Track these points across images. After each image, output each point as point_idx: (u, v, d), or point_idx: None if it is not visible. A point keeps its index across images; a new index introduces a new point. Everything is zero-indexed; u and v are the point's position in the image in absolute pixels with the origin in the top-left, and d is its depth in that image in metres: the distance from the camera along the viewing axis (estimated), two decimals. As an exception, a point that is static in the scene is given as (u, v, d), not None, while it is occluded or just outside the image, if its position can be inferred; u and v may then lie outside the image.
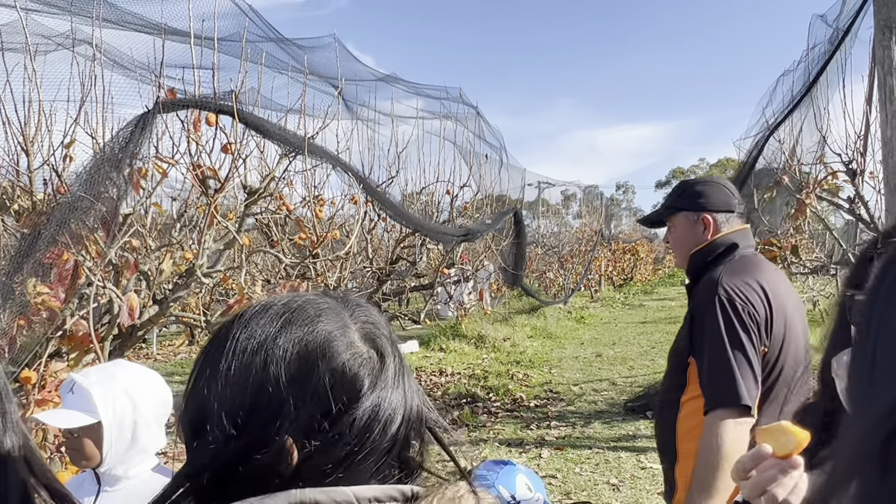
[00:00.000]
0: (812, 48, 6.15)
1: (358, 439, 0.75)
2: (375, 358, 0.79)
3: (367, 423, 0.76)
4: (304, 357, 0.76)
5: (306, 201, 5.87)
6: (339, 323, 0.80)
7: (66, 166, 3.77)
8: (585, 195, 27.88)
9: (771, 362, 1.95)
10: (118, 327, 3.77)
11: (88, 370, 1.90)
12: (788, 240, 6.45)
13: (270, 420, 0.74)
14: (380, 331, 0.83)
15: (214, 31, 3.85)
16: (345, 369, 0.76)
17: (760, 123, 6.93)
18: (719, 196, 2.15)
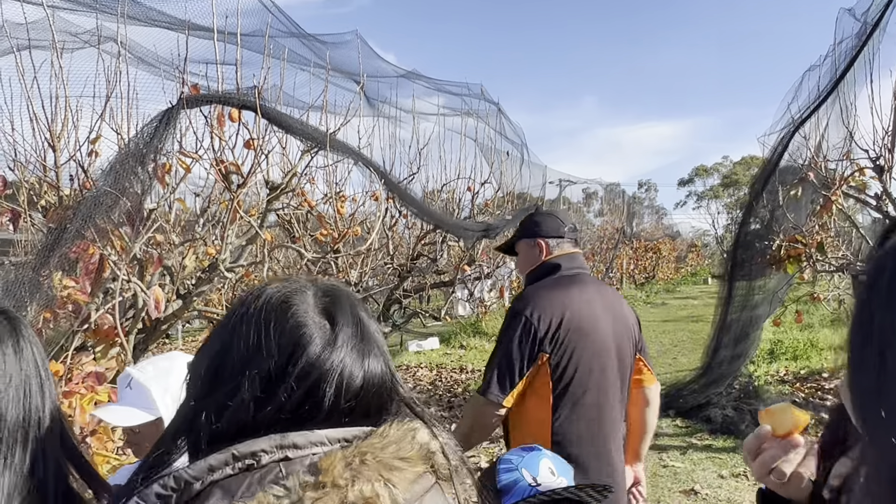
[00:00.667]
0: (839, 43, 6.06)
1: (309, 392, 0.88)
2: (328, 326, 0.92)
3: (315, 379, 0.88)
4: (261, 323, 0.91)
5: (328, 198, 5.89)
6: (299, 297, 0.95)
7: (92, 162, 3.81)
8: (607, 193, 27.73)
9: (561, 366, 2.31)
10: (143, 321, 3.81)
11: (144, 364, 1.92)
12: (814, 237, 6.37)
13: (234, 376, 0.89)
14: (338, 307, 0.95)
15: (238, 27, 3.87)
16: (292, 331, 0.90)
17: (786, 119, 6.84)
18: (551, 224, 2.57)
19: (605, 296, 2.53)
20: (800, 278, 7.06)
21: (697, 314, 16.68)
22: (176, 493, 0.84)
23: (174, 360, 1.93)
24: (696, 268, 39.32)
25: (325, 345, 0.91)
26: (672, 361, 10.30)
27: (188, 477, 0.84)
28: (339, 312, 0.95)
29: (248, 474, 0.85)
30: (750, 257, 6.97)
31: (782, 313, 7.78)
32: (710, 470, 5.39)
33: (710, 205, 61.92)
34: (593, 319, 2.40)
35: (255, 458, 0.85)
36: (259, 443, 0.86)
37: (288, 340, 0.90)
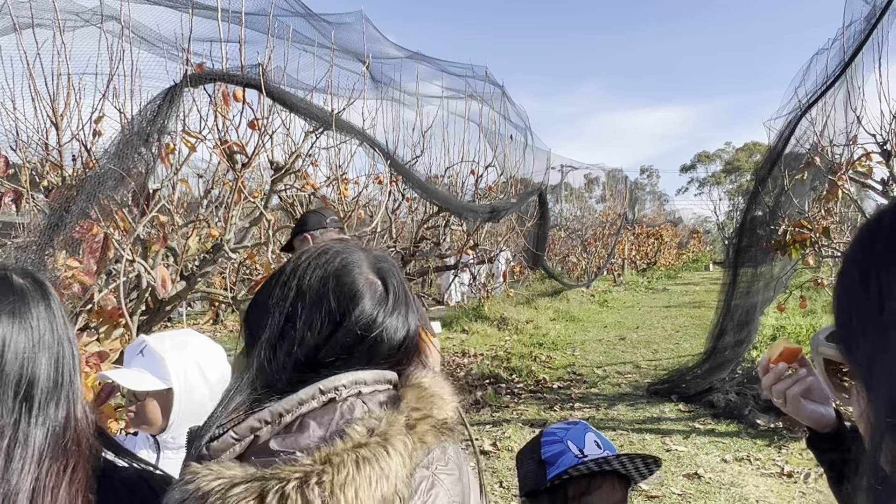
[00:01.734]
0: (848, 26, 5.99)
1: (362, 340, 1.03)
2: (380, 286, 1.08)
3: (366, 329, 1.03)
4: (328, 277, 1.06)
5: (331, 180, 5.86)
6: (357, 258, 1.10)
7: (95, 141, 3.79)
8: (609, 179, 27.62)
9: None
10: (146, 303, 3.80)
11: (162, 335, 1.89)
12: (820, 222, 6.34)
13: (305, 320, 1.03)
14: (388, 271, 1.11)
15: (242, 6, 3.83)
16: (352, 286, 1.05)
17: (793, 104, 6.78)
18: (314, 219, 3.08)
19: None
20: (804, 263, 7.03)
21: (699, 300, 16.68)
22: (269, 425, 0.95)
23: (190, 337, 1.92)
24: (698, 254, 39.29)
25: (378, 301, 1.06)
26: (674, 347, 10.31)
27: (281, 409, 0.96)
28: (389, 276, 1.10)
29: (333, 406, 0.99)
30: (754, 242, 6.95)
31: (786, 299, 7.77)
32: (714, 454, 5.40)
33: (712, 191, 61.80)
34: None
35: (337, 392, 0.99)
36: (340, 378, 0.99)
37: (348, 293, 1.04)
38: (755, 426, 5.97)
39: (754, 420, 6.06)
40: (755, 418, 6.08)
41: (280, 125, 4.44)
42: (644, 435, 5.92)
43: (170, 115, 3.09)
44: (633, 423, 6.27)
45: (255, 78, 3.50)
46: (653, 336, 11.50)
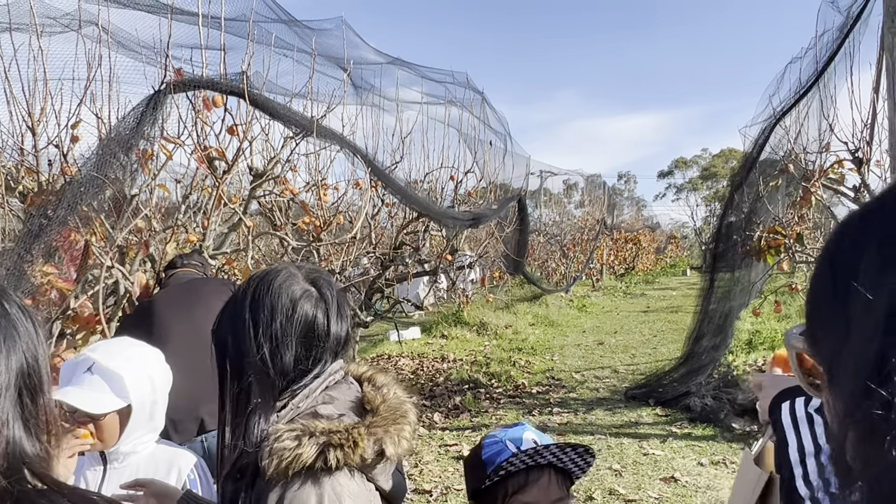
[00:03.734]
0: (821, 35, 6.10)
1: (311, 336, 1.34)
2: (314, 290, 1.37)
3: (311, 326, 1.34)
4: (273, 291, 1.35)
5: (310, 186, 5.86)
6: (293, 272, 1.39)
7: (72, 147, 3.76)
8: (588, 184, 27.80)
9: None
10: (123, 309, 3.77)
11: (107, 349, 1.84)
12: (793, 228, 6.44)
13: (272, 330, 1.32)
14: (320, 279, 1.40)
15: (222, 11, 3.82)
16: (292, 293, 1.34)
17: (767, 112, 6.89)
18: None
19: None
20: (779, 269, 7.14)
21: (676, 305, 16.83)
22: (307, 399, 1.33)
23: (135, 347, 1.89)
24: (676, 259, 39.63)
25: (314, 304, 1.35)
26: (652, 351, 10.39)
27: (313, 387, 1.34)
28: (321, 282, 1.40)
29: (336, 386, 1.38)
30: (731, 248, 7.04)
31: (761, 303, 7.87)
32: (690, 458, 5.46)
33: (689, 197, 62.39)
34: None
35: (336, 376, 1.39)
36: (334, 366, 1.39)
37: (292, 300, 1.33)
38: (731, 430, 6.04)
39: (730, 424, 6.13)
40: (731, 422, 6.16)
41: (260, 131, 4.44)
42: (622, 439, 5.97)
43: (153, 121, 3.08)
44: (611, 428, 6.31)
45: (238, 85, 3.50)
46: (631, 341, 11.59)
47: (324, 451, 1.21)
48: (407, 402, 1.38)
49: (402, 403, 1.37)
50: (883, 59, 5.43)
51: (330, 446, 1.22)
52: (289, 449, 1.20)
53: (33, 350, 0.93)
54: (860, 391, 0.58)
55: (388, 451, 1.27)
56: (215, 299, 2.94)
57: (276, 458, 1.20)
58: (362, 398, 1.37)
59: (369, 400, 1.35)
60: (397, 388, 1.42)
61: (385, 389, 1.39)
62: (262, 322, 1.32)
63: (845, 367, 0.65)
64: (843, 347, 0.65)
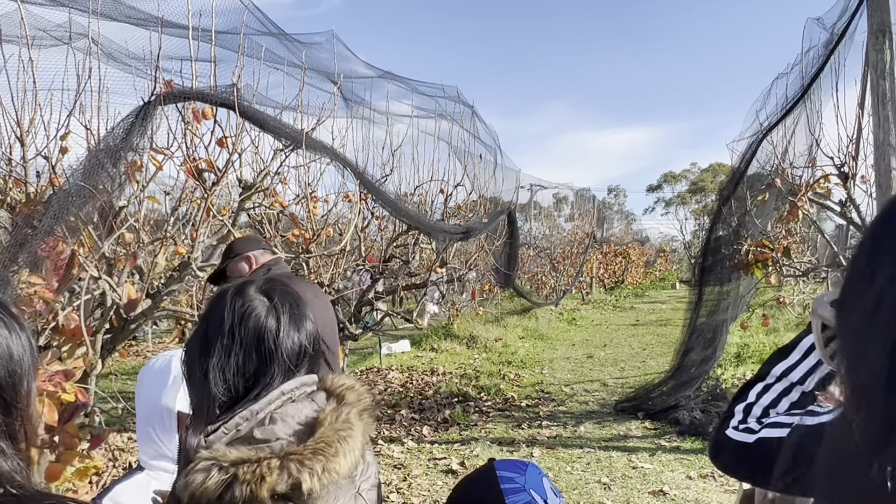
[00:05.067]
0: (806, 52, 6.18)
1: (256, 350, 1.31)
2: (267, 301, 1.36)
3: (266, 337, 1.32)
4: (225, 305, 1.35)
5: (300, 198, 5.85)
6: (246, 286, 1.38)
7: (61, 158, 3.74)
8: (577, 198, 27.90)
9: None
10: (110, 321, 3.75)
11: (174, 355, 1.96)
12: (780, 242, 6.48)
13: (222, 346, 1.31)
14: (274, 290, 1.38)
15: (212, 24, 3.84)
16: (245, 306, 1.34)
17: (754, 127, 6.95)
18: (249, 242, 3.23)
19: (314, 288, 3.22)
20: (766, 282, 7.18)
21: (665, 318, 16.88)
22: (248, 421, 1.26)
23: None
24: (665, 273, 39.76)
25: (267, 313, 1.34)
26: (641, 364, 10.41)
27: (257, 408, 1.27)
28: (275, 293, 1.38)
29: (293, 404, 1.31)
30: (718, 262, 7.08)
31: (749, 317, 7.91)
32: (679, 471, 5.46)
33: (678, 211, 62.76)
34: (319, 308, 3.01)
35: (292, 393, 1.32)
36: (292, 383, 1.33)
37: (245, 311, 1.33)
38: (719, 443, 6.04)
39: (719, 437, 6.14)
40: (719, 435, 6.16)
41: (249, 143, 4.44)
42: (611, 452, 5.96)
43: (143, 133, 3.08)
44: (600, 441, 6.31)
45: (228, 97, 3.51)
46: (620, 354, 11.61)
47: (231, 485, 1.15)
48: (353, 427, 1.28)
49: (344, 428, 1.26)
50: (868, 75, 5.50)
51: (236, 480, 1.15)
52: (197, 481, 1.16)
53: (5, 362, 0.92)
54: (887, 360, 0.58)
55: (304, 485, 1.17)
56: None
57: (189, 490, 1.17)
58: (316, 418, 1.30)
59: (320, 421, 1.28)
60: (354, 409, 1.32)
61: (342, 410, 1.30)
62: (210, 335, 1.32)
63: (865, 343, 0.64)
64: (866, 323, 0.64)
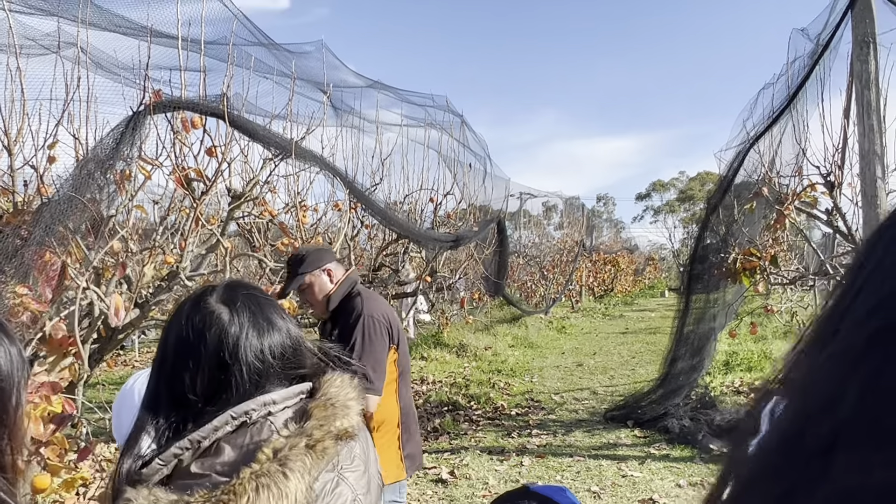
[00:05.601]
0: (792, 62, 6.24)
1: (233, 359, 1.17)
2: (228, 311, 1.21)
3: (232, 348, 1.17)
4: (184, 317, 1.22)
5: (290, 207, 5.85)
6: (205, 295, 1.24)
7: (48, 167, 3.73)
8: (567, 206, 28.00)
9: (401, 354, 3.13)
10: (97, 331, 3.73)
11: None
12: (768, 250, 6.53)
13: (180, 360, 1.18)
14: (235, 298, 1.24)
15: (202, 34, 3.84)
16: (204, 317, 1.19)
17: (741, 136, 7.01)
18: (323, 253, 3.17)
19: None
20: (754, 291, 7.22)
21: (655, 326, 16.93)
22: (189, 451, 1.10)
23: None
24: (654, 281, 39.91)
25: (228, 322, 1.20)
26: (630, 373, 10.44)
27: (199, 437, 1.11)
28: (237, 301, 1.23)
29: (245, 429, 1.14)
30: (706, 270, 7.12)
31: (737, 325, 7.95)
32: (668, 479, 5.47)
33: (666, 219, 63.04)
34: (396, 319, 3.17)
35: (248, 416, 1.14)
36: (249, 404, 1.15)
37: (202, 323, 1.19)
38: (709, 451, 6.07)
39: (708, 445, 6.16)
40: (708, 443, 6.19)
41: (239, 153, 4.44)
42: (600, 461, 5.97)
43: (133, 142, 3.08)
44: (590, 450, 6.32)
45: (218, 106, 3.51)
46: (609, 362, 11.63)
47: None
48: (287, 471, 1.06)
49: (268, 474, 1.06)
50: (853, 85, 5.56)
51: None
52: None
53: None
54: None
55: None
56: None
57: None
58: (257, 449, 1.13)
59: (257, 458, 1.10)
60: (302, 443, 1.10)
61: (287, 444, 1.10)
62: (165, 350, 1.22)
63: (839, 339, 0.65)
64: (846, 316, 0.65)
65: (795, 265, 7.49)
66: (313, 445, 1.11)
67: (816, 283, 7.48)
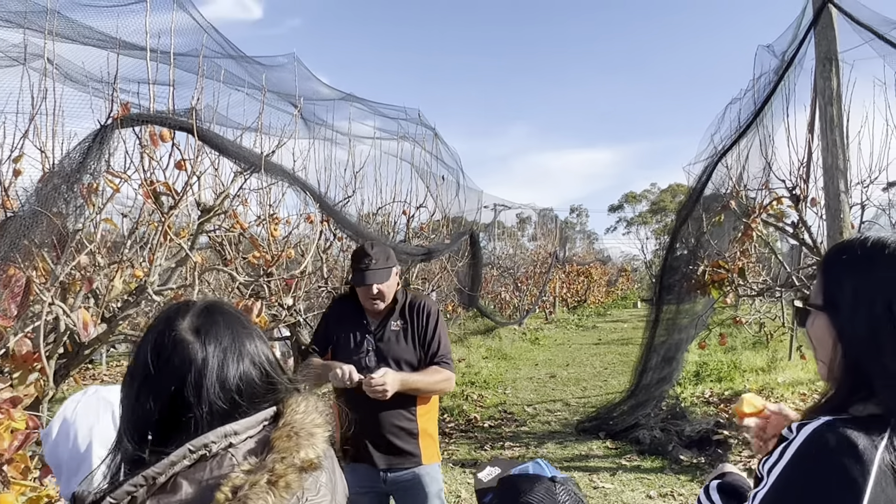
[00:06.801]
0: (758, 78, 6.37)
1: (196, 390, 1.11)
2: (197, 343, 1.14)
3: (198, 381, 1.11)
4: (149, 343, 1.15)
5: (261, 220, 5.81)
6: (176, 320, 1.17)
7: (14, 181, 3.68)
8: (540, 218, 28.14)
9: None
10: (64, 346, 3.67)
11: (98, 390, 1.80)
12: (736, 262, 6.63)
13: (143, 391, 1.12)
14: (208, 324, 1.17)
15: (171, 46, 3.82)
16: (173, 348, 1.13)
17: (709, 150, 7.13)
18: (389, 252, 3.21)
19: None
20: (723, 302, 7.32)
21: (627, 337, 17.05)
22: (143, 487, 1.03)
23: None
24: (627, 292, 40.22)
25: (197, 349, 1.13)
26: (602, 384, 10.50)
27: (154, 473, 1.03)
28: (209, 329, 1.16)
29: (205, 462, 1.07)
30: (677, 281, 7.20)
31: (707, 336, 8.04)
32: (639, 490, 5.51)
33: (639, 230, 63.66)
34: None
35: (207, 449, 1.07)
36: (208, 436, 1.08)
37: (161, 347, 1.13)
38: (679, 462, 6.12)
39: (678, 456, 6.22)
40: (678, 454, 6.24)
41: (209, 166, 4.41)
42: (572, 472, 5.99)
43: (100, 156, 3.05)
44: (562, 461, 6.34)
45: (187, 121, 3.49)
46: (582, 373, 11.69)
47: None
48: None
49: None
50: (816, 101, 5.69)
51: None
52: None
53: None
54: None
55: None
56: None
57: None
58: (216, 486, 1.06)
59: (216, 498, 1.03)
60: (263, 479, 1.04)
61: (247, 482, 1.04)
62: (130, 374, 1.16)
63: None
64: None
65: (763, 277, 7.61)
66: (275, 481, 1.04)
67: (783, 294, 7.59)
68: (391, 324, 3.15)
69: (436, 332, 3.14)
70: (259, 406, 1.18)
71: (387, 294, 3.12)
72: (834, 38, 5.18)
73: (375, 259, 3.07)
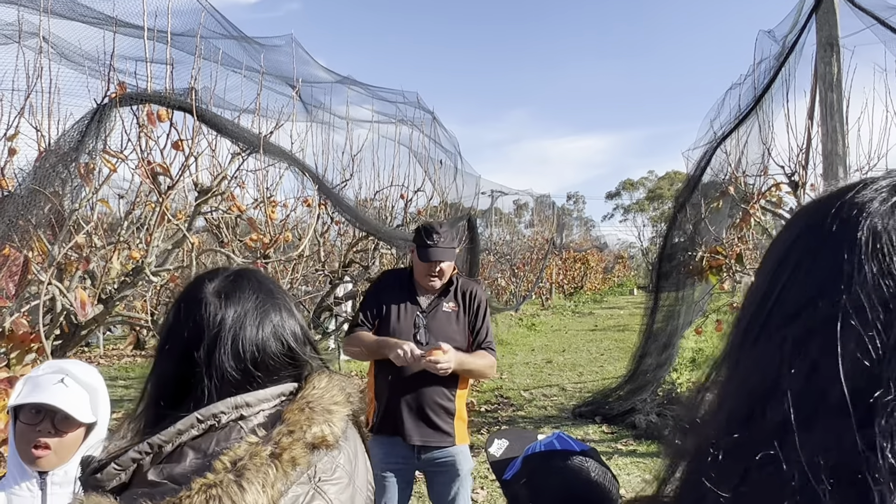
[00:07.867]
0: (759, 63, 6.33)
1: (207, 354, 1.08)
2: (219, 305, 1.11)
3: (214, 344, 1.08)
4: (179, 306, 1.15)
5: (258, 202, 5.79)
6: (203, 283, 1.15)
7: (10, 160, 3.65)
8: (538, 204, 28.13)
9: None
10: (60, 327, 3.66)
11: (57, 363, 1.77)
12: (733, 248, 6.62)
13: (172, 352, 1.12)
14: (234, 288, 1.15)
15: (168, 26, 3.78)
16: (192, 306, 1.12)
17: (709, 135, 7.10)
18: (449, 229, 3.25)
19: None
20: (720, 288, 7.32)
21: (623, 323, 17.09)
22: (149, 455, 1.00)
23: (90, 367, 1.84)
24: (623, 279, 40.30)
25: (212, 315, 1.10)
26: (599, 369, 10.53)
27: (160, 441, 1.01)
28: (235, 293, 1.14)
29: (213, 433, 1.03)
30: (675, 268, 7.20)
31: (703, 322, 8.05)
32: (635, 474, 5.53)
33: (636, 217, 63.72)
34: None
35: (216, 419, 1.04)
36: (217, 406, 1.04)
37: (193, 315, 1.11)
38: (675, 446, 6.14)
39: (674, 441, 6.23)
40: (674, 439, 6.26)
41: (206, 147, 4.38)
42: (569, 457, 6.01)
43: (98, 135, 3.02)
44: (559, 446, 6.35)
45: (185, 100, 3.46)
46: (578, 359, 11.72)
47: None
48: (250, 482, 0.95)
49: (237, 478, 0.95)
50: (817, 87, 5.66)
51: None
52: None
53: None
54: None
55: None
56: None
57: None
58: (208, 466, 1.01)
59: (214, 466, 0.98)
60: (266, 450, 0.99)
61: (249, 453, 0.99)
62: (158, 332, 1.18)
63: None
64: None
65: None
66: (279, 454, 0.99)
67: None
68: (443, 304, 3.17)
69: (485, 320, 3.22)
70: (276, 380, 1.13)
71: (446, 273, 3.15)
72: (835, 23, 5.15)
73: (444, 237, 3.08)
